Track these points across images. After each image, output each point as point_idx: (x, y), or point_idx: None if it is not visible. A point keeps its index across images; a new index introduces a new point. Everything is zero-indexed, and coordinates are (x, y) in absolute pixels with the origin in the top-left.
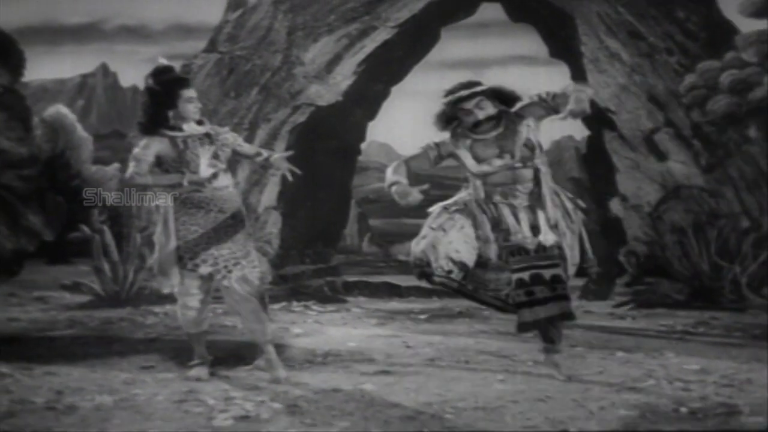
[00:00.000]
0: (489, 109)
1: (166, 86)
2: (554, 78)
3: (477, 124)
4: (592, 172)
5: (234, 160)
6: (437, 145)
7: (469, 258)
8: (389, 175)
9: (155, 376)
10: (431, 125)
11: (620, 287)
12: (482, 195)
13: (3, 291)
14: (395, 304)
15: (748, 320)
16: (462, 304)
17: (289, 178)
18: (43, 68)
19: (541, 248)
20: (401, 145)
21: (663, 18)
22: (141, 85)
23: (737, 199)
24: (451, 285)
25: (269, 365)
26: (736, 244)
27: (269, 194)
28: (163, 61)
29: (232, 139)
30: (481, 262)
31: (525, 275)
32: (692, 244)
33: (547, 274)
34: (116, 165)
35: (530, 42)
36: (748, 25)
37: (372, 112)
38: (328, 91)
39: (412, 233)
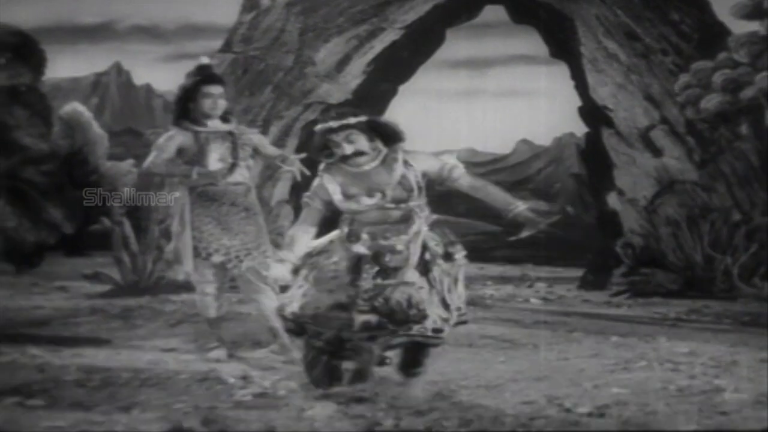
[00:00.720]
0: (360, 143)
1: (191, 82)
2: (554, 76)
3: (346, 158)
4: (590, 167)
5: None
6: (314, 194)
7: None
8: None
9: (177, 357)
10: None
11: (617, 277)
12: (346, 233)
13: (25, 281)
14: None
15: (738, 308)
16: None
17: (298, 178)
18: (58, 67)
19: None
20: (407, 142)
21: (658, 20)
22: (154, 83)
23: (729, 193)
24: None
25: (283, 349)
26: (727, 237)
27: (281, 189)
28: (204, 60)
29: (257, 140)
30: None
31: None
32: (686, 237)
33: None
34: (130, 161)
35: (531, 42)
36: (739, 27)
37: (380, 109)
38: (338, 90)
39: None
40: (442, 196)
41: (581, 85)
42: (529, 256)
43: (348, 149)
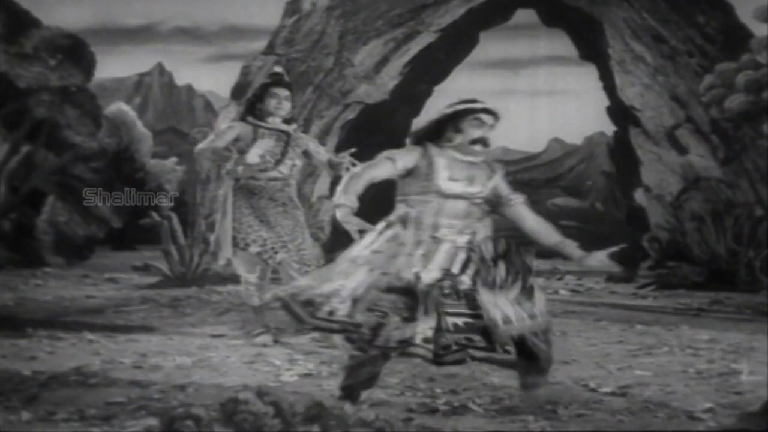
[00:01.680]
0: (487, 132)
1: (263, 83)
2: (584, 77)
3: (475, 141)
4: (618, 165)
5: None
6: (404, 156)
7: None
8: (338, 191)
9: (226, 343)
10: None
11: (644, 270)
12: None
13: (77, 273)
14: None
15: (759, 299)
16: None
17: (351, 167)
18: (103, 67)
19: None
20: None
21: (684, 23)
22: (195, 83)
23: (752, 189)
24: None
25: (324, 337)
26: (750, 231)
27: (322, 184)
28: (277, 69)
29: (312, 146)
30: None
31: (459, 321)
32: (710, 231)
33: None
34: (174, 159)
35: (561, 44)
36: (762, 30)
37: (416, 109)
38: (376, 91)
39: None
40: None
41: (609, 86)
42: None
43: (475, 134)
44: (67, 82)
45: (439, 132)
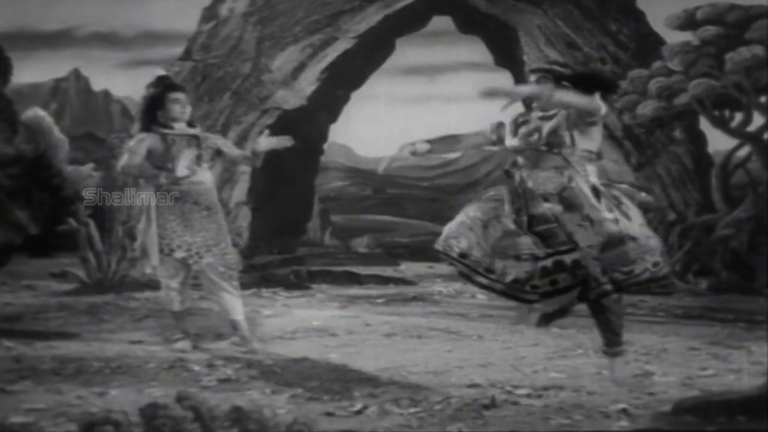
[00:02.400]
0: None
1: (155, 90)
2: (499, 83)
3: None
4: None
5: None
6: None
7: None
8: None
9: (145, 348)
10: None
11: None
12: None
13: None
14: (355, 291)
15: (672, 302)
16: (415, 290)
17: (287, 143)
18: (19, 73)
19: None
20: (360, 146)
21: (597, 30)
22: (112, 89)
23: (664, 194)
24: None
25: (243, 341)
26: (663, 235)
27: (239, 190)
28: (160, 72)
29: (221, 143)
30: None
31: (548, 262)
32: None
33: (568, 259)
34: (90, 165)
35: (477, 51)
36: (673, 37)
37: (333, 115)
38: (294, 96)
39: (370, 228)
40: (393, 198)
41: None
42: None
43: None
44: None
45: None
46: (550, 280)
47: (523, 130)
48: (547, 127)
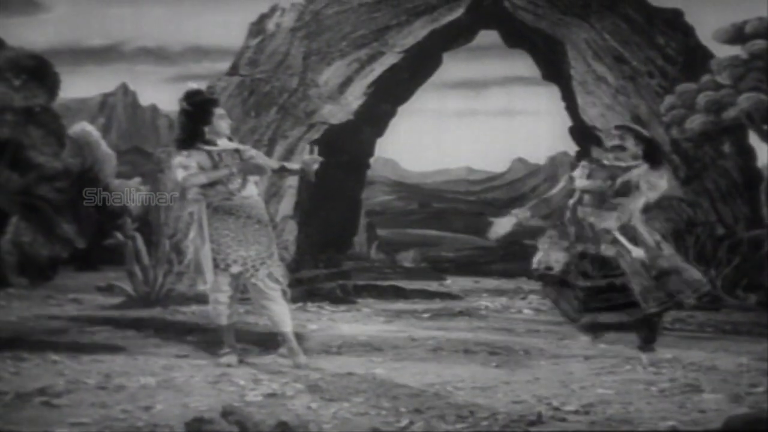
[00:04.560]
0: (627, 142)
1: (199, 106)
2: (547, 97)
3: (612, 149)
4: None
5: None
6: (571, 177)
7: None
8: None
9: (190, 362)
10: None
11: None
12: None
13: (40, 294)
14: (401, 305)
15: (720, 318)
16: (461, 304)
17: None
18: (67, 88)
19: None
20: (406, 161)
21: (645, 44)
22: (159, 104)
23: (713, 208)
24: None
25: (291, 352)
26: (711, 250)
27: (286, 205)
28: (193, 85)
29: (255, 154)
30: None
31: (602, 282)
32: None
33: (618, 282)
34: (137, 179)
35: (524, 65)
36: (722, 51)
37: (380, 129)
38: (340, 111)
39: (416, 242)
40: (439, 212)
41: (572, 106)
42: (523, 270)
43: (617, 141)
44: (31, 103)
45: None
46: (604, 297)
47: (598, 173)
48: (622, 178)
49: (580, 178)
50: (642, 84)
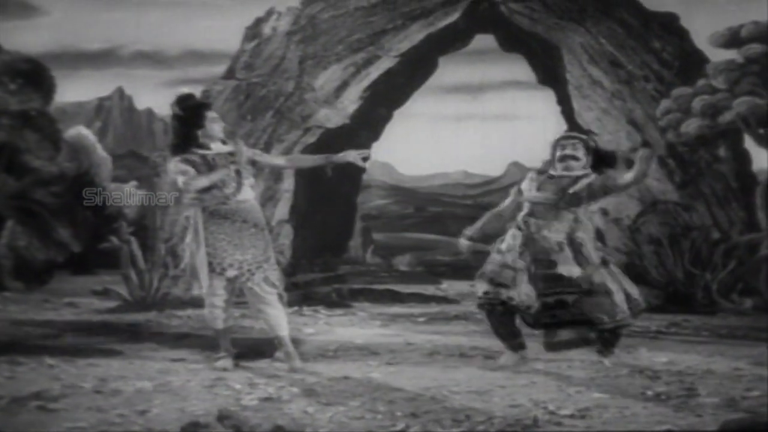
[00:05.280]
0: (578, 152)
1: (192, 110)
2: (542, 101)
3: (562, 159)
4: None
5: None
6: (519, 190)
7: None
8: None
9: (186, 366)
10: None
11: None
12: (521, 219)
13: (36, 298)
14: (397, 309)
15: (716, 322)
16: (457, 308)
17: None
18: (63, 91)
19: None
20: (402, 164)
21: (641, 48)
22: (155, 107)
23: (708, 213)
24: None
25: (288, 356)
26: (707, 254)
27: (282, 209)
28: (185, 90)
29: (251, 153)
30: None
31: (551, 299)
32: (668, 254)
33: (569, 299)
34: (133, 183)
35: (520, 69)
36: (717, 55)
37: (376, 133)
38: (336, 115)
39: (412, 246)
40: (435, 216)
41: (567, 110)
42: None
43: (569, 151)
44: (27, 107)
45: None
46: (551, 314)
47: (548, 185)
48: (572, 189)
49: (528, 191)
50: (638, 88)
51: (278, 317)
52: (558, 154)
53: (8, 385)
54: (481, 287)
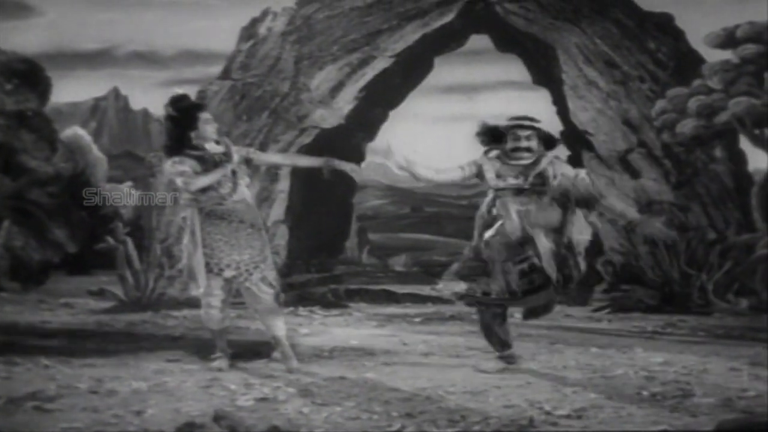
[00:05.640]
0: (532, 143)
1: (185, 111)
2: (537, 102)
3: (515, 150)
4: None
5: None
6: (475, 162)
7: None
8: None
9: (182, 367)
10: (476, 133)
11: (598, 294)
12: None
13: (32, 298)
14: (393, 309)
15: (712, 322)
16: (453, 309)
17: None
18: (58, 92)
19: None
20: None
21: (636, 49)
22: (151, 108)
23: (704, 213)
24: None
25: (284, 356)
26: (703, 255)
27: (277, 209)
28: (178, 91)
29: (244, 152)
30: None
31: (524, 265)
32: (663, 255)
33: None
34: (129, 183)
35: (515, 69)
36: (713, 56)
37: (371, 134)
38: (332, 115)
39: (408, 246)
40: (431, 216)
41: (563, 111)
42: None
43: (524, 143)
44: (23, 107)
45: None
46: (528, 280)
47: (507, 171)
48: (534, 170)
49: (493, 179)
50: (633, 88)
51: (274, 318)
52: (511, 145)
53: (4, 386)
54: (456, 287)
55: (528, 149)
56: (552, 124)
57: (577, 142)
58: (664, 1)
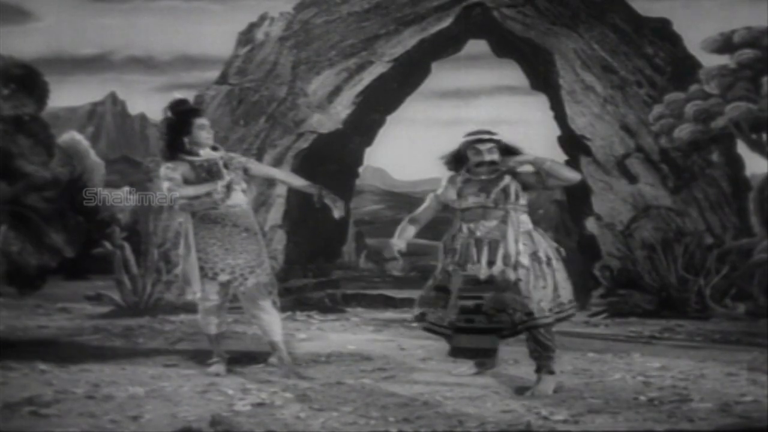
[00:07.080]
0: (495, 156)
1: (180, 116)
2: (534, 107)
3: (479, 164)
4: (569, 194)
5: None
6: (437, 196)
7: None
8: (395, 238)
9: (179, 372)
10: (439, 161)
11: (595, 299)
12: (456, 227)
13: (29, 303)
14: (390, 314)
15: (709, 327)
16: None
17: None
18: (56, 97)
19: (490, 280)
20: (395, 169)
21: (633, 54)
22: (148, 113)
23: (701, 218)
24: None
25: (281, 361)
26: (700, 259)
27: (275, 214)
28: (177, 95)
29: (244, 161)
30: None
31: (470, 303)
32: (661, 259)
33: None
34: (126, 188)
35: (513, 74)
36: (710, 60)
37: (369, 138)
38: (329, 120)
39: (405, 251)
40: (429, 223)
41: (560, 116)
42: None
43: (487, 157)
44: (20, 112)
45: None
46: (466, 318)
47: (470, 190)
48: (497, 187)
49: (455, 200)
50: (630, 93)
51: (271, 322)
52: (474, 160)
53: (1, 391)
54: (416, 310)
55: (492, 162)
56: (549, 129)
57: (574, 147)
58: (662, 6)
